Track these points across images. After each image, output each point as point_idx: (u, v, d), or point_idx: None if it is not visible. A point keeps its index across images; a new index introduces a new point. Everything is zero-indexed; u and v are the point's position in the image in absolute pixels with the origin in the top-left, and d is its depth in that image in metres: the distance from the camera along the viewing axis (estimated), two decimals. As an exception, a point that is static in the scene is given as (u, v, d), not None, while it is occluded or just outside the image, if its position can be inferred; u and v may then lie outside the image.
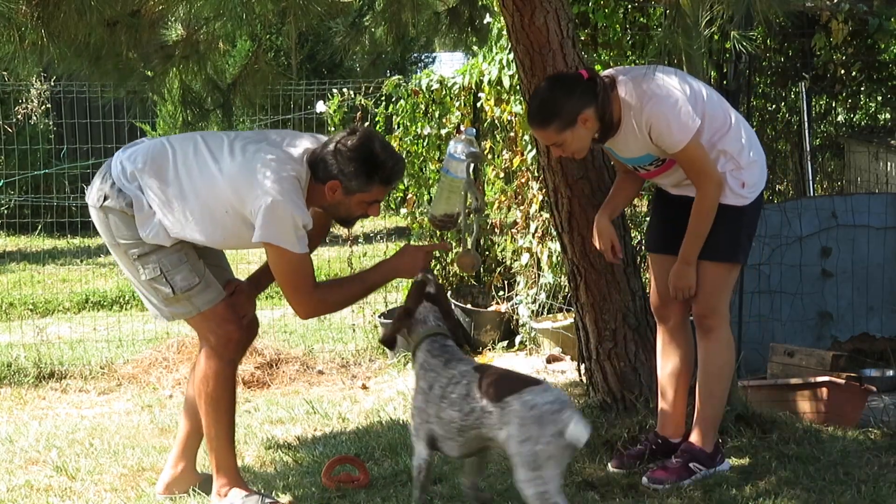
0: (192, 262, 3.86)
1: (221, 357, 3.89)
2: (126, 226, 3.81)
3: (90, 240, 11.29)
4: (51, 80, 12.25)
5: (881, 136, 8.74)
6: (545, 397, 3.27)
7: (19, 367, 6.82)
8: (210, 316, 3.89)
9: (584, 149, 4.03)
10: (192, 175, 3.78)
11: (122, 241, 3.83)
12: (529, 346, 7.22)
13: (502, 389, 3.35)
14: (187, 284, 3.84)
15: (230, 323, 3.92)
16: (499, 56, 7.32)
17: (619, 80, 3.97)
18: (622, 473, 4.12)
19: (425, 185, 8.12)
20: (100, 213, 3.85)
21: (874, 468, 4.13)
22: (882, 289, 6.47)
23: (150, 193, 3.78)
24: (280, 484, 4.21)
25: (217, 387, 3.88)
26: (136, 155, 3.87)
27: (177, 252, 3.83)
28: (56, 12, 3.20)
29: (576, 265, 4.74)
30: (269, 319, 7.99)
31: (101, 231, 3.91)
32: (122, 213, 3.80)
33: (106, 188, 3.82)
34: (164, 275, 3.82)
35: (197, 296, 3.86)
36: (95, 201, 3.85)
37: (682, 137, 3.87)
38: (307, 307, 3.84)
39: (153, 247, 3.81)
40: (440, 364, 3.54)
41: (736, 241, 4.05)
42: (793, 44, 8.73)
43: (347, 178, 3.72)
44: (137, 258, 3.83)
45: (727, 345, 4.13)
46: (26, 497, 4.25)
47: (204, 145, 3.83)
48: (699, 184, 3.96)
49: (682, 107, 3.87)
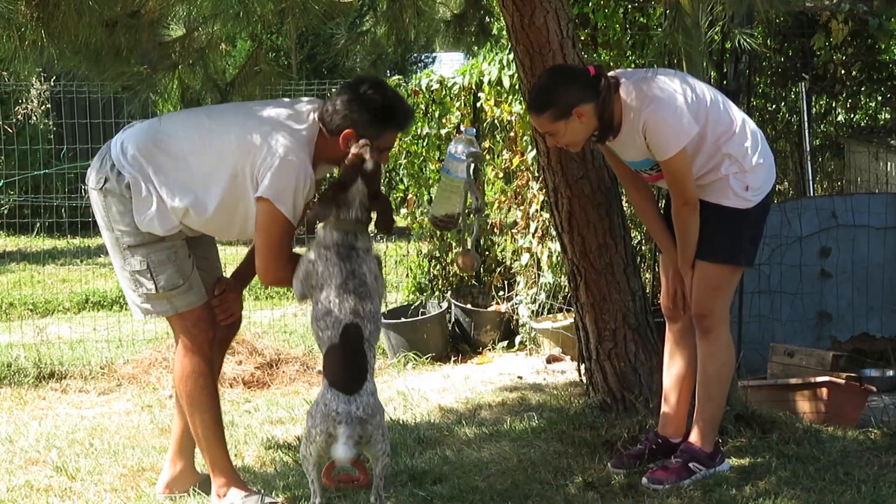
0: (180, 261, 3.85)
1: (196, 355, 3.88)
2: (123, 212, 3.78)
3: (90, 240, 11.29)
4: (51, 80, 12.24)
5: (881, 136, 8.74)
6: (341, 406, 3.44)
7: (19, 367, 6.82)
8: (187, 316, 3.88)
9: (579, 143, 4.03)
10: (194, 142, 3.75)
11: (116, 228, 3.81)
12: (529, 346, 7.23)
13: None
14: (171, 284, 3.83)
15: (205, 323, 3.91)
16: (499, 56, 7.33)
17: (622, 81, 3.97)
18: (622, 473, 4.12)
19: (425, 185, 8.12)
20: (99, 195, 3.82)
21: (874, 468, 4.13)
22: (882, 289, 6.46)
23: (150, 172, 3.74)
24: (280, 484, 4.21)
25: (195, 386, 3.87)
26: (138, 133, 3.84)
27: (166, 250, 3.82)
28: (56, 12, 3.20)
29: (576, 265, 4.74)
30: (270, 319, 8.00)
31: (98, 214, 3.87)
32: (121, 197, 3.77)
33: (106, 170, 3.79)
34: (149, 270, 3.80)
35: (178, 297, 3.85)
36: (95, 184, 3.82)
37: (672, 146, 3.87)
38: (274, 276, 3.79)
39: (145, 240, 3.79)
40: (337, 264, 3.57)
41: (737, 244, 4.04)
42: (793, 44, 8.73)
43: (363, 127, 3.72)
44: (127, 248, 3.81)
45: (726, 347, 4.12)
46: (26, 497, 4.25)
47: (206, 116, 3.83)
48: (674, 198, 4.00)
49: (680, 114, 3.87)
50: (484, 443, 4.63)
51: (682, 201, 3.97)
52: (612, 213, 4.68)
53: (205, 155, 3.76)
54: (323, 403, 3.46)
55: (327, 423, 3.44)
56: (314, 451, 3.51)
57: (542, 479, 4.09)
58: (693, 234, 4.01)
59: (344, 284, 3.55)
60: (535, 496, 3.93)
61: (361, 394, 3.46)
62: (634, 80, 3.95)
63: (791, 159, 9.28)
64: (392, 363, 7.11)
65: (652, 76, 3.95)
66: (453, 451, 4.52)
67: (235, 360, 6.66)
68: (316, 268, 3.61)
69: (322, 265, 3.60)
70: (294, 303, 9.24)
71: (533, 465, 4.26)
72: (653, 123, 3.87)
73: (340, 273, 3.56)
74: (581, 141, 4.02)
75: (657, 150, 3.90)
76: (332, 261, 3.58)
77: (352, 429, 3.41)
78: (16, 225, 11.50)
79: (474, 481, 4.08)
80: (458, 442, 4.69)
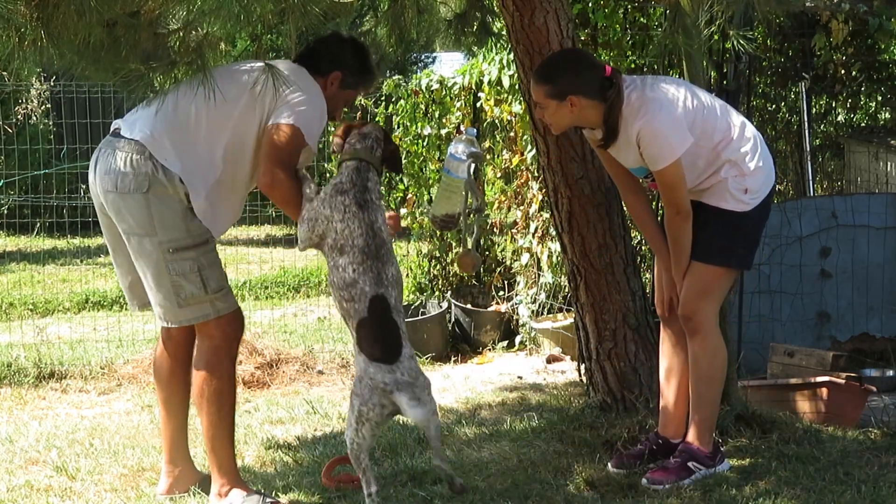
0: (220, 263, 3.84)
1: (228, 355, 3.87)
2: (170, 212, 3.71)
3: (90, 240, 11.28)
4: (51, 80, 12.25)
5: (881, 136, 8.74)
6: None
7: (19, 367, 6.82)
8: (225, 318, 3.84)
9: (561, 127, 4.07)
10: (211, 105, 3.67)
11: (161, 231, 3.70)
12: (529, 346, 7.23)
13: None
14: (218, 286, 3.79)
15: (238, 322, 3.90)
16: (499, 56, 7.33)
17: (623, 89, 3.97)
18: (622, 473, 4.12)
19: (425, 185, 8.13)
20: (142, 199, 3.70)
21: (874, 468, 4.13)
22: (882, 289, 6.47)
23: (180, 148, 3.71)
24: (280, 484, 4.21)
25: (221, 384, 3.84)
26: (147, 117, 3.77)
27: (212, 251, 3.80)
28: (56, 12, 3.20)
29: (576, 265, 4.74)
30: (270, 319, 8.00)
31: (134, 219, 3.73)
32: (170, 197, 3.70)
33: (147, 168, 3.70)
34: (199, 272, 3.75)
35: (221, 299, 3.81)
36: (136, 188, 3.71)
37: (665, 157, 3.88)
38: (272, 178, 3.66)
39: (196, 241, 3.74)
40: (357, 215, 3.56)
41: (730, 247, 4.03)
42: (793, 44, 8.72)
43: (350, 72, 3.78)
44: (174, 251, 3.72)
45: (714, 349, 4.10)
46: (26, 497, 4.25)
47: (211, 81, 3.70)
48: (666, 207, 4.01)
49: (674, 126, 3.88)
50: (484, 443, 4.63)
51: (675, 211, 3.97)
52: (612, 213, 4.69)
53: (226, 112, 3.73)
54: (368, 378, 3.47)
55: (379, 396, 3.45)
56: (368, 432, 3.48)
57: (542, 479, 4.09)
58: (686, 244, 4.02)
59: (366, 247, 3.54)
60: (535, 496, 3.93)
61: (402, 360, 3.48)
62: (634, 89, 3.95)
63: (791, 159, 9.27)
64: (392, 363, 7.11)
65: (649, 84, 3.95)
66: (453, 451, 4.52)
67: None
68: (333, 224, 3.57)
69: (340, 219, 3.56)
70: (294, 303, 9.25)
71: (533, 465, 4.26)
72: (646, 134, 3.88)
73: (361, 230, 3.54)
74: (564, 126, 4.07)
75: (650, 160, 3.92)
76: (351, 211, 3.55)
77: (409, 391, 3.44)
78: (16, 225, 11.49)
79: (474, 481, 4.08)
80: (458, 442, 4.69)
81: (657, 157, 3.89)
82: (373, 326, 3.53)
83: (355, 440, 3.51)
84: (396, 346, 3.51)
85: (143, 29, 3.41)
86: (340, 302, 3.60)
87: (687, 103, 3.92)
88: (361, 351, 3.52)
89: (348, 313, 3.58)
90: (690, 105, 3.93)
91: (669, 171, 3.89)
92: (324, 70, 3.79)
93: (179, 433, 4.07)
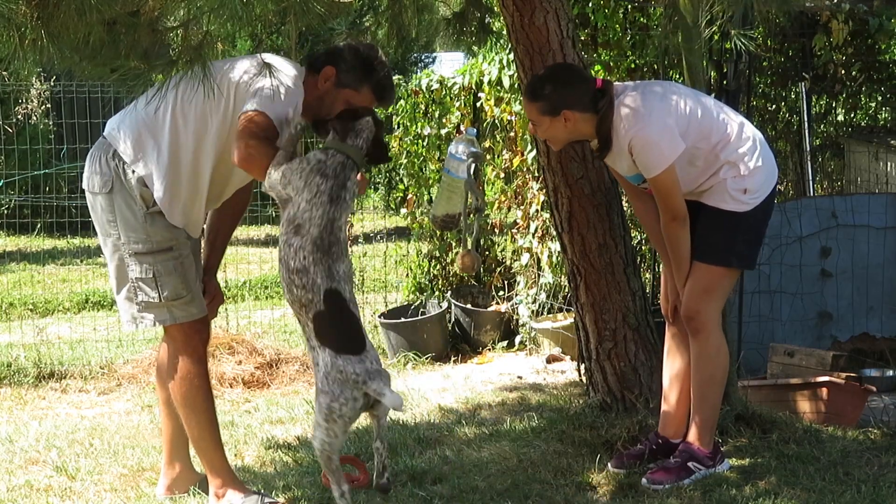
0: (185, 271, 3.83)
1: (191, 357, 3.86)
2: (132, 216, 3.75)
3: (90, 240, 11.28)
4: (51, 80, 12.25)
5: (881, 136, 8.73)
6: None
7: (19, 367, 6.82)
8: (186, 325, 3.86)
9: (559, 141, 4.08)
10: (178, 97, 3.70)
11: (123, 233, 3.76)
12: (529, 346, 7.23)
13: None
14: (174, 294, 3.80)
15: (201, 324, 3.90)
16: (499, 56, 7.33)
17: (616, 97, 3.97)
18: (622, 473, 4.12)
19: (425, 185, 8.13)
20: (107, 199, 3.76)
21: (874, 468, 4.13)
22: (882, 289, 6.46)
23: (149, 147, 3.72)
24: (280, 484, 4.21)
25: (191, 387, 3.85)
26: (122, 113, 3.83)
27: (173, 260, 3.79)
28: (56, 12, 3.20)
29: (576, 265, 4.74)
30: (270, 319, 7.99)
31: (103, 217, 3.80)
32: (132, 200, 3.73)
33: (110, 169, 3.75)
34: (155, 279, 3.77)
35: (179, 307, 3.83)
36: (101, 187, 3.77)
37: (658, 164, 3.89)
38: (245, 152, 3.55)
39: (153, 248, 3.76)
40: (324, 205, 3.49)
41: (730, 247, 4.04)
42: (793, 44, 8.71)
43: (344, 70, 3.76)
44: (133, 255, 3.77)
45: (716, 350, 4.10)
46: (26, 497, 4.25)
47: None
48: (662, 213, 4.01)
49: (666, 134, 3.88)
50: (484, 443, 4.63)
51: (671, 216, 3.98)
52: (612, 213, 4.69)
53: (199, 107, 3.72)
54: (337, 372, 3.39)
55: (351, 389, 3.38)
56: (340, 429, 3.40)
57: (542, 479, 4.09)
58: (684, 248, 4.02)
59: (320, 240, 3.45)
60: (535, 496, 3.93)
61: (368, 349, 3.46)
62: (622, 98, 3.95)
63: (791, 159, 9.26)
64: (392, 363, 7.11)
65: (640, 92, 3.96)
66: (453, 451, 4.52)
67: (235, 360, 6.66)
68: (300, 197, 3.48)
69: (308, 199, 3.48)
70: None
71: (533, 465, 4.26)
72: (637, 143, 3.89)
73: (322, 220, 3.46)
74: (561, 141, 4.07)
75: (643, 168, 3.93)
76: (321, 199, 3.47)
77: (380, 378, 3.39)
78: (16, 225, 11.50)
79: (474, 481, 4.08)
80: (458, 442, 4.69)
81: (649, 165, 3.90)
82: (334, 319, 3.47)
83: (326, 440, 3.42)
84: (361, 337, 3.48)
85: (143, 28, 3.41)
86: (291, 287, 3.49)
87: (680, 108, 3.93)
88: (325, 346, 3.44)
89: (300, 301, 3.49)
90: (684, 109, 3.93)
91: (663, 178, 3.90)
92: (317, 66, 3.79)
93: (179, 433, 4.06)
